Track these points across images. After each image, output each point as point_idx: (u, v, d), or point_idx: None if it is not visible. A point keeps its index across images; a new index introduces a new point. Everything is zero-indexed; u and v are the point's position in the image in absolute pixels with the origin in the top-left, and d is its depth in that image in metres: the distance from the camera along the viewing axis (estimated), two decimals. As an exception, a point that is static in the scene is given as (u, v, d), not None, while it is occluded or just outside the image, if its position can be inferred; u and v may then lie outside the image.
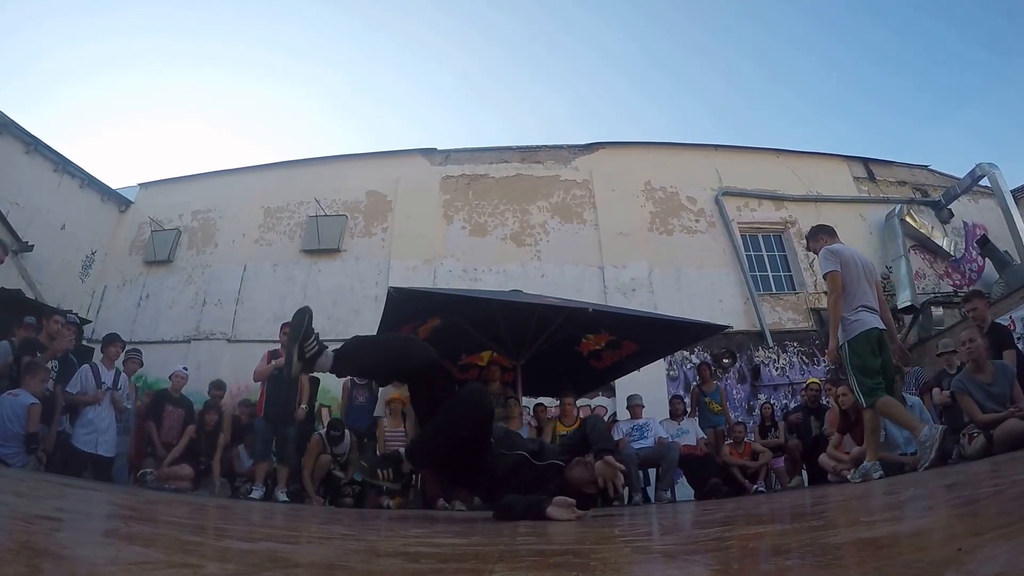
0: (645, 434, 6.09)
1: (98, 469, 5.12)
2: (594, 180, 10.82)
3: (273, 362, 5.65)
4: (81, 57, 44.39)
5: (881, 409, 3.61)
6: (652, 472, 6.09)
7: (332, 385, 6.96)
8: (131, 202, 11.21)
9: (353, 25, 47.36)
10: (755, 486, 5.92)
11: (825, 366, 9.26)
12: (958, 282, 10.39)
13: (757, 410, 8.11)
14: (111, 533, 1.39)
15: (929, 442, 3.29)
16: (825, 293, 9.79)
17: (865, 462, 3.70)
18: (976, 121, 44.13)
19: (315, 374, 6.45)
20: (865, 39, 41.77)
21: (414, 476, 5.81)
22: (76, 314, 8.02)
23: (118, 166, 61.85)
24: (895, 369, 3.96)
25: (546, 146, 11.37)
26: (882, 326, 3.75)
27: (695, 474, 6.00)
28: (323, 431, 5.72)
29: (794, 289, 10.22)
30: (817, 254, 4.13)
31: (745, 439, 6.38)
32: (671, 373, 9.08)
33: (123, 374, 5.69)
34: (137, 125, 50.92)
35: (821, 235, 4.18)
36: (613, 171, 10.92)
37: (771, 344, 9.40)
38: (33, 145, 9.18)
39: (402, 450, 2.58)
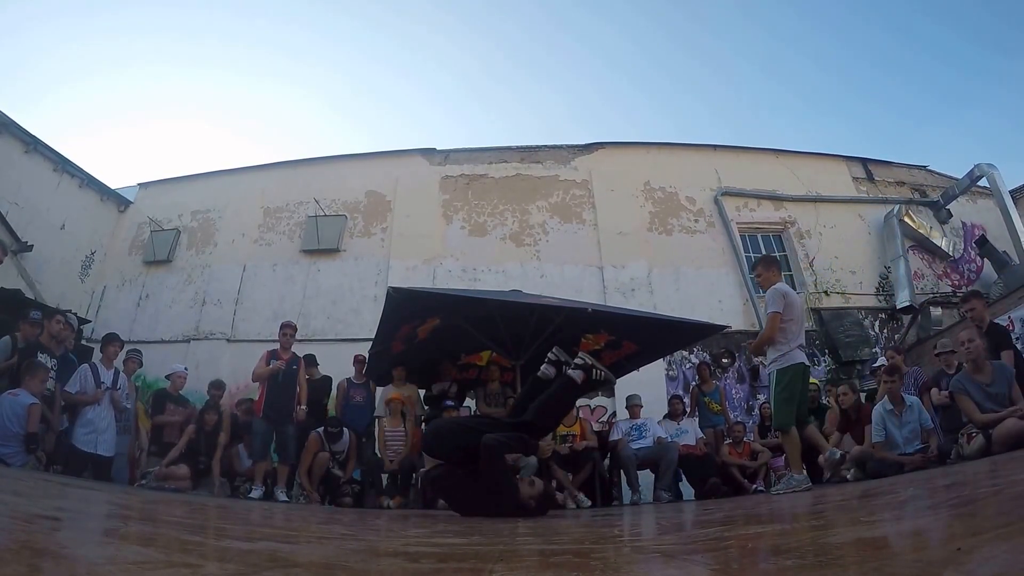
0: (644, 434, 6.09)
1: (98, 469, 5.11)
2: (593, 180, 10.81)
3: (272, 364, 5.65)
4: (81, 57, 44.36)
5: (787, 438, 4.20)
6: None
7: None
8: (130, 202, 11.18)
9: (353, 25, 47.36)
10: (754, 486, 5.93)
11: (825, 366, 9.28)
12: (957, 282, 10.39)
13: (756, 410, 8.11)
14: (111, 532, 1.39)
15: (796, 484, 3.97)
16: (825, 293, 9.93)
17: (794, 474, 4.10)
18: (974, 122, 44.18)
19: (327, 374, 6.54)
20: (864, 40, 41.80)
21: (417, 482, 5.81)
22: (75, 314, 8.02)
23: (117, 166, 61.76)
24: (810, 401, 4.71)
25: (545, 146, 11.35)
26: (808, 363, 4.32)
27: (694, 474, 6.00)
28: (320, 429, 5.72)
29: (793, 289, 10.19)
30: (760, 280, 4.57)
31: (744, 439, 6.39)
32: (670, 373, 9.07)
33: (122, 374, 5.69)
34: (137, 125, 50.89)
35: (774, 268, 4.51)
36: (612, 171, 10.90)
37: (770, 344, 9.39)
38: (32, 145, 9.15)
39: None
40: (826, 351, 9.43)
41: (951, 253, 10.55)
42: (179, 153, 51.93)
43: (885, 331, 9.70)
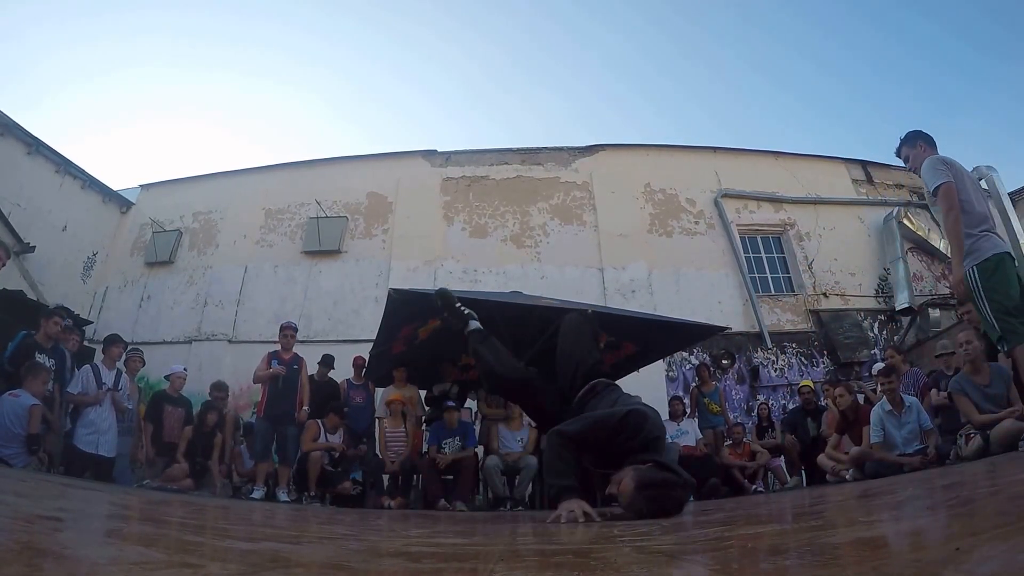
0: (644, 435, 6.08)
1: (99, 469, 5.11)
2: (594, 182, 10.83)
3: (273, 366, 5.66)
4: (83, 58, 44.46)
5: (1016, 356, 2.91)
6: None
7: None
8: (132, 203, 11.21)
9: (354, 27, 47.43)
10: (754, 486, 5.93)
11: (824, 367, 9.28)
12: (957, 284, 10.39)
13: (756, 411, 8.11)
14: (112, 533, 1.40)
15: None
16: (824, 294, 9.92)
17: None
18: (973, 124, 44.20)
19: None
20: (864, 43, 41.86)
21: (415, 477, 5.81)
22: (76, 313, 8.02)
23: (119, 167, 61.74)
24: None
25: (546, 148, 11.38)
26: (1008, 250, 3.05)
27: (694, 474, 5.99)
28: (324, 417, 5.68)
29: (792, 291, 10.24)
30: (910, 162, 3.39)
31: (744, 439, 6.39)
32: (670, 374, 9.08)
33: (124, 375, 5.68)
34: (138, 126, 50.95)
35: (920, 142, 3.36)
36: (613, 173, 10.93)
37: (770, 345, 9.41)
38: (35, 146, 9.18)
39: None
40: (825, 352, 9.46)
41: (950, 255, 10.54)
42: (181, 154, 52.02)
43: (884, 333, 9.70)
